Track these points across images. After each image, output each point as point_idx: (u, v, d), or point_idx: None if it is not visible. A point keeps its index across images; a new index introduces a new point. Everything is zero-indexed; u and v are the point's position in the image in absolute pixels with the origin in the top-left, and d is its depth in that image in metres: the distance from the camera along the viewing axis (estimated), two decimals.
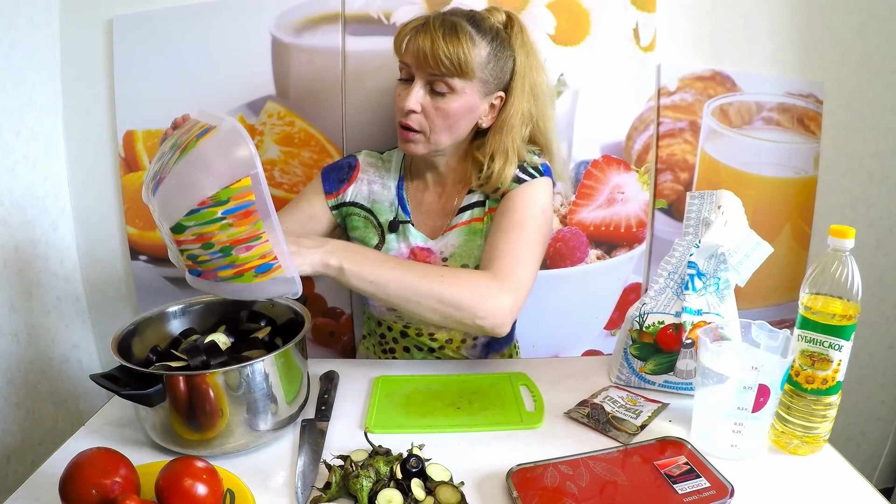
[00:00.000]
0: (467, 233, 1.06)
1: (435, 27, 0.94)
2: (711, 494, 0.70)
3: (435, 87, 0.97)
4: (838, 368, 0.76)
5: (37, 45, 1.18)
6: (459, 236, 1.06)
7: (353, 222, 1.11)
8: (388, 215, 1.09)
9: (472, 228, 1.06)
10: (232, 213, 0.70)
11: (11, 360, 1.14)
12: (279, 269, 0.74)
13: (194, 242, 0.71)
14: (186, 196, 0.70)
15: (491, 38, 0.98)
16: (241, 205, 0.70)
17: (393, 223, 1.08)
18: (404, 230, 1.08)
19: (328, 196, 1.11)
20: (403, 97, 0.98)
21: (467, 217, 1.07)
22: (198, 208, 0.69)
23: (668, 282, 0.94)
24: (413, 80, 0.98)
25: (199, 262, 0.74)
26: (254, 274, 0.74)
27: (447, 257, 1.06)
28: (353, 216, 1.11)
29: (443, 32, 0.94)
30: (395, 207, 1.09)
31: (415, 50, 0.95)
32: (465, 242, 1.06)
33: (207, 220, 0.70)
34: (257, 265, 0.73)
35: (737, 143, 1.33)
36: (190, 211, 0.70)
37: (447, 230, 1.07)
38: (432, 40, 0.94)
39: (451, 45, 0.93)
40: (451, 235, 1.07)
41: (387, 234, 1.09)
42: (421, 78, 0.97)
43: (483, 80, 0.98)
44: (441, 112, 0.98)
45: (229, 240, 0.71)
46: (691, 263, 0.92)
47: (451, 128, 1.00)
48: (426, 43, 0.94)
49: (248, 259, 0.72)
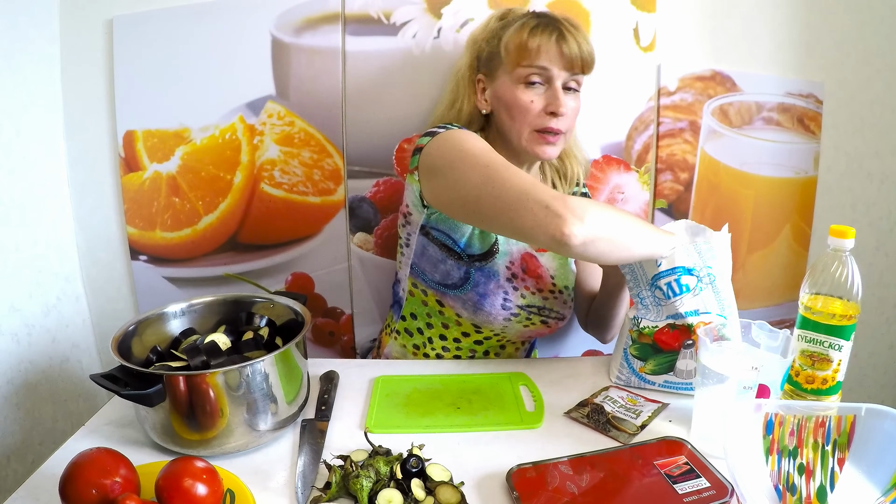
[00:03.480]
0: (559, 258, 1.10)
1: (569, 29, 0.97)
2: (711, 494, 0.70)
3: (569, 85, 0.99)
4: (838, 368, 0.76)
5: (37, 45, 1.18)
6: (555, 259, 1.09)
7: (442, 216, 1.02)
8: None
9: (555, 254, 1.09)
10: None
11: (11, 360, 1.14)
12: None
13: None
14: None
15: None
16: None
17: None
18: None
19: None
20: (552, 101, 0.98)
21: None
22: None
23: (643, 303, 0.94)
24: (547, 83, 0.98)
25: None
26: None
27: (553, 275, 1.09)
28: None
29: (580, 34, 0.97)
30: None
31: (560, 53, 0.96)
32: (560, 266, 1.10)
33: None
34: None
35: (737, 143, 1.33)
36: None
37: (542, 248, 1.08)
38: (578, 42, 0.96)
39: (589, 45, 0.98)
40: (547, 255, 1.08)
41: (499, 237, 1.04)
42: (559, 80, 0.98)
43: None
44: (574, 110, 1.02)
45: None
46: (661, 274, 0.91)
47: (574, 125, 1.03)
48: (573, 46, 0.96)
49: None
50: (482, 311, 1.03)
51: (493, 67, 1.03)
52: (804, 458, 0.69)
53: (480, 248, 1.02)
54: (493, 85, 1.03)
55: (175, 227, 1.30)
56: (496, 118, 1.04)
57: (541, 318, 1.07)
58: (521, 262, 1.05)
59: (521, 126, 1.00)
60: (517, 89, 0.99)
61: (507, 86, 1.00)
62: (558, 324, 1.10)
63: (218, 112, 1.25)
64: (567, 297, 1.10)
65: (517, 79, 0.99)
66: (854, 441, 0.68)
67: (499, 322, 1.05)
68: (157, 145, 1.26)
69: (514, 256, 1.04)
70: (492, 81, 1.03)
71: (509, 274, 1.03)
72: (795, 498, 0.68)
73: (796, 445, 0.69)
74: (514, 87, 0.99)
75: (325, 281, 1.35)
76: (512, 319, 1.05)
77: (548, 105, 0.98)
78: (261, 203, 1.29)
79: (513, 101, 0.99)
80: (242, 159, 1.27)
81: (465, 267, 1.02)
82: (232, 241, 1.31)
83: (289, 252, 1.32)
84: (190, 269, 1.32)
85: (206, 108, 1.24)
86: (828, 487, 0.68)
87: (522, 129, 1.00)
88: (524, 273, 1.05)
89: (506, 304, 1.03)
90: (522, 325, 1.07)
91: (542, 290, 1.06)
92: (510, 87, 1.00)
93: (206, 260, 1.31)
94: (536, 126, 0.99)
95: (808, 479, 0.69)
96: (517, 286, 1.04)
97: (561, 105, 0.97)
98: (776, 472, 0.69)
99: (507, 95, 1.00)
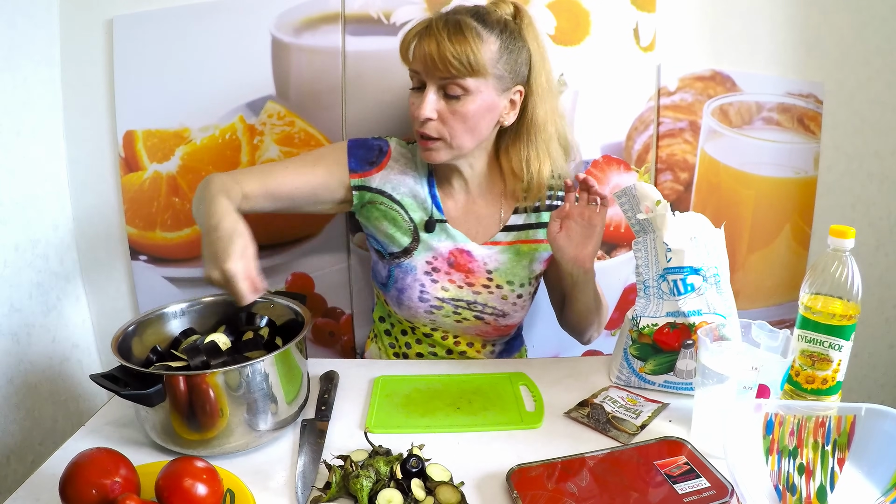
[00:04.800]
0: (512, 252, 1.08)
1: (439, 28, 0.92)
2: (711, 494, 0.70)
3: (448, 90, 0.94)
4: (838, 368, 0.76)
5: (37, 45, 1.18)
6: (504, 254, 1.07)
7: (374, 212, 1.07)
8: (420, 213, 1.06)
9: (516, 249, 1.08)
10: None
11: (11, 360, 1.14)
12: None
13: None
14: None
15: (500, 31, 0.95)
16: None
17: (429, 222, 1.05)
18: (444, 229, 1.06)
19: (353, 174, 1.06)
20: (417, 106, 0.96)
21: (512, 238, 1.08)
22: None
23: (646, 292, 0.94)
24: (425, 88, 0.95)
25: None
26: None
27: (492, 270, 1.07)
28: (376, 205, 1.07)
29: (447, 33, 0.91)
30: (429, 206, 1.06)
31: (422, 55, 0.93)
32: (510, 261, 1.07)
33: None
34: None
35: (737, 143, 1.33)
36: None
37: (489, 242, 1.07)
38: (438, 43, 0.91)
39: (458, 45, 0.91)
40: (494, 250, 1.07)
41: (422, 233, 1.06)
42: (433, 83, 0.95)
43: (498, 76, 0.95)
44: (459, 115, 0.95)
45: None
46: (671, 270, 0.91)
47: (472, 130, 0.97)
48: (432, 46, 0.91)
49: None
50: (403, 306, 1.08)
51: None
52: (804, 458, 0.69)
53: (398, 247, 1.07)
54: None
55: (175, 227, 1.30)
56: None
57: (473, 314, 1.08)
58: (447, 257, 1.06)
59: (414, 129, 0.99)
60: (410, 93, 1.00)
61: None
62: (498, 320, 1.09)
63: (218, 112, 1.24)
64: (510, 293, 1.08)
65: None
66: (854, 441, 0.68)
67: (421, 315, 1.08)
68: (157, 145, 1.26)
69: (438, 252, 1.06)
70: None
71: (429, 268, 1.06)
72: (795, 498, 0.68)
73: (796, 445, 0.69)
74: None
75: (325, 281, 1.35)
76: (435, 312, 1.07)
77: (413, 111, 0.97)
78: None
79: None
80: (242, 159, 1.27)
81: (388, 266, 1.09)
82: None
83: (289, 252, 1.32)
84: (190, 269, 1.32)
85: (206, 108, 1.24)
86: (828, 487, 0.68)
87: (414, 133, 1.00)
88: (450, 267, 1.06)
89: (423, 297, 1.06)
90: (453, 320, 1.08)
91: (472, 285, 1.07)
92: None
93: None
94: (416, 130, 0.98)
95: (808, 479, 0.69)
96: (437, 279, 1.06)
97: (419, 110, 0.95)
98: (776, 472, 0.69)
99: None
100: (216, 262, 0.80)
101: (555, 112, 1.04)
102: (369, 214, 1.08)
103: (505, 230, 1.08)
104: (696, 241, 0.90)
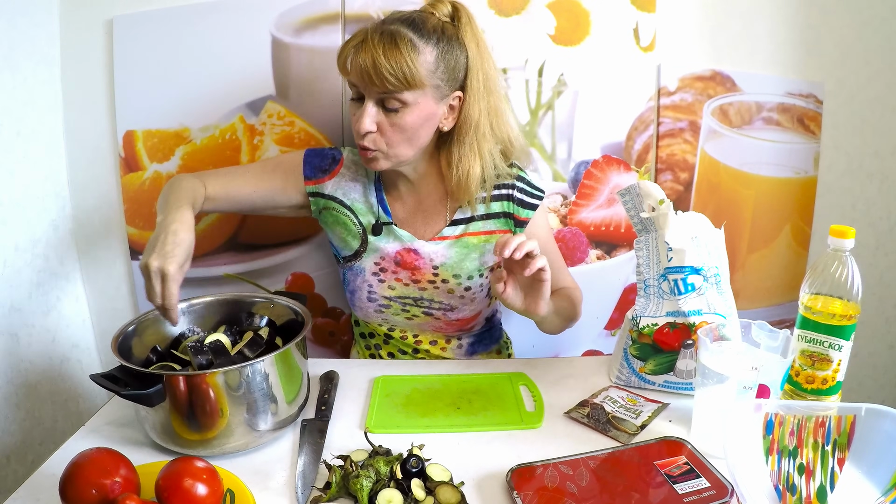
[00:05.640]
0: (460, 246, 1.07)
1: (374, 42, 0.89)
2: (711, 494, 0.70)
3: (387, 104, 0.93)
4: (838, 368, 0.76)
5: (37, 45, 1.18)
6: (451, 248, 1.07)
7: (329, 217, 1.10)
8: (369, 217, 1.08)
9: (464, 243, 1.07)
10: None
11: (11, 360, 1.14)
12: None
13: None
14: None
15: (437, 40, 0.93)
16: None
17: (376, 226, 1.07)
18: (391, 231, 1.07)
19: (307, 181, 1.08)
20: (357, 119, 0.94)
21: (459, 231, 1.07)
22: None
23: (647, 291, 0.94)
24: (363, 100, 0.94)
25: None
26: None
27: (438, 265, 1.07)
28: (330, 211, 1.09)
29: (382, 47, 0.89)
30: (376, 209, 1.08)
31: (357, 69, 0.91)
32: (457, 254, 1.07)
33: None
34: None
35: (737, 143, 1.33)
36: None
37: (437, 238, 1.07)
38: (373, 57, 0.89)
39: (393, 60, 0.89)
40: (442, 245, 1.07)
41: (370, 236, 1.07)
42: (371, 96, 0.93)
43: (435, 86, 0.94)
44: (397, 127, 0.94)
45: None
46: (671, 269, 0.91)
47: (411, 140, 0.97)
48: (367, 61, 0.89)
49: None
50: (356, 306, 1.13)
51: None
52: (804, 458, 0.69)
53: (349, 251, 1.09)
54: None
55: None
56: None
57: (421, 310, 1.10)
58: (394, 257, 1.07)
59: (355, 140, 0.98)
60: (350, 104, 0.99)
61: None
62: (447, 314, 1.10)
63: (218, 112, 1.25)
64: (457, 287, 1.07)
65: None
66: (854, 441, 0.68)
67: (372, 314, 1.12)
68: (157, 145, 1.26)
69: (385, 252, 1.07)
70: None
71: (377, 269, 1.08)
72: (795, 498, 0.69)
73: (796, 445, 0.70)
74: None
75: (325, 281, 1.35)
76: (384, 311, 1.10)
77: (354, 123, 0.96)
78: None
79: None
80: (242, 159, 1.27)
81: (342, 269, 1.13)
82: (232, 241, 1.31)
83: (289, 252, 1.32)
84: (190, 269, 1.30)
85: (207, 108, 1.24)
86: (828, 487, 0.68)
87: (356, 143, 0.99)
88: (397, 266, 1.07)
89: (371, 297, 1.10)
90: (404, 318, 1.11)
91: (418, 281, 1.08)
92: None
93: (206, 260, 1.31)
94: (356, 142, 0.98)
95: (808, 479, 0.69)
96: (384, 279, 1.08)
97: (357, 122, 0.94)
98: (776, 472, 0.69)
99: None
100: (160, 257, 0.83)
101: (494, 112, 1.02)
102: (325, 220, 1.11)
103: (452, 224, 1.08)
104: (697, 240, 0.90)
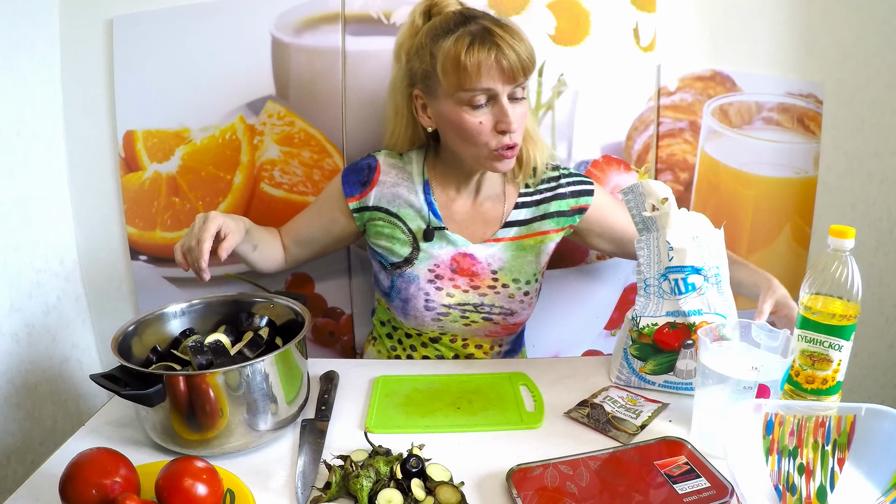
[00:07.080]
0: (516, 248, 1.07)
1: (503, 38, 0.90)
2: (711, 494, 0.70)
3: (515, 94, 0.94)
4: (838, 368, 0.76)
5: (37, 45, 1.18)
6: (508, 251, 1.07)
7: (376, 228, 1.07)
8: (419, 222, 1.06)
9: (521, 245, 1.07)
10: None
11: (11, 360, 1.14)
12: None
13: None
14: None
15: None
16: None
17: (428, 231, 1.04)
18: (444, 236, 1.05)
19: (349, 199, 1.07)
20: (504, 119, 0.92)
21: (514, 233, 1.07)
22: None
23: (647, 291, 0.94)
24: (492, 100, 0.93)
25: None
26: None
27: (496, 269, 1.06)
28: (376, 221, 1.07)
29: (511, 36, 0.90)
30: (426, 214, 1.05)
31: (500, 68, 0.89)
32: (514, 258, 1.07)
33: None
34: None
35: (737, 143, 1.33)
36: None
37: (491, 240, 1.06)
38: (515, 50, 0.90)
39: (526, 46, 0.91)
40: (497, 247, 1.06)
41: (421, 242, 1.05)
42: (504, 94, 0.92)
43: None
44: (524, 116, 0.96)
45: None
46: (672, 269, 0.91)
47: (523, 129, 0.98)
48: (511, 55, 0.89)
49: None
50: (409, 315, 1.08)
51: (430, 86, 0.96)
52: (804, 458, 0.69)
53: (398, 258, 1.07)
54: (434, 103, 0.97)
55: (175, 227, 1.30)
56: (445, 136, 1.01)
57: (481, 316, 1.08)
58: (450, 263, 1.06)
59: (477, 148, 0.96)
60: (463, 112, 0.93)
61: (450, 107, 0.94)
62: (507, 319, 1.09)
63: (218, 112, 1.25)
64: (517, 291, 1.07)
65: (460, 101, 0.93)
66: (854, 441, 0.68)
67: (429, 322, 1.08)
68: (157, 145, 1.26)
69: (440, 259, 1.06)
70: (433, 99, 0.97)
71: (432, 276, 1.06)
72: (795, 498, 0.68)
73: (796, 445, 0.69)
74: (458, 110, 0.94)
75: (325, 281, 1.35)
76: (443, 319, 1.07)
77: (497, 123, 0.93)
78: (261, 203, 1.29)
79: (460, 125, 0.94)
80: (242, 159, 1.27)
81: (390, 276, 1.08)
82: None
83: None
84: None
85: (206, 108, 1.24)
86: (828, 487, 0.68)
87: (479, 150, 0.96)
88: (454, 273, 1.06)
89: (429, 305, 1.06)
90: (462, 324, 1.08)
91: (477, 288, 1.06)
92: (454, 108, 0.94)
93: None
94: (492, 146, 0.95)
95: (808, 479, 0.69)
96: (441, 286, 1.06)
97: (511, 122, 0.93)
98: (776, 472, 0.69)
99: (453, 118, 0.95)
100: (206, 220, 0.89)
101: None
102: (370, 231, 1.09)
103: (506, 226, 1.07)
104: (698, 240, 0.90)
